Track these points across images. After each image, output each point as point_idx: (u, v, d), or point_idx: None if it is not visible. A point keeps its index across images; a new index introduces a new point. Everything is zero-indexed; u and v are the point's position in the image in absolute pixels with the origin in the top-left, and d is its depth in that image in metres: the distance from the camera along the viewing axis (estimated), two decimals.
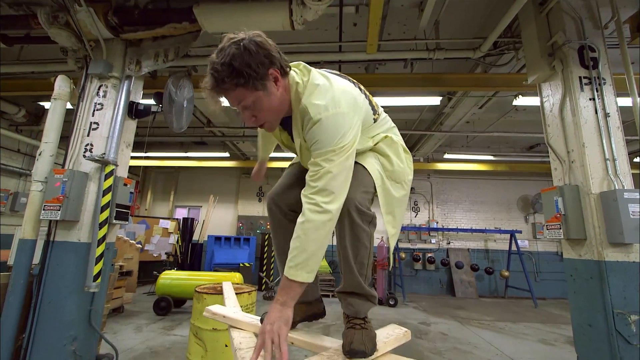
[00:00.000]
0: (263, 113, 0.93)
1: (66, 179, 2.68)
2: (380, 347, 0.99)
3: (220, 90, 0.88)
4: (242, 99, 0.88)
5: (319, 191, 0.86)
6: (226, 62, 0.83)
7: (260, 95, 0.89)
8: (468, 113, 5.31)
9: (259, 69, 0.85)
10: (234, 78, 0.83)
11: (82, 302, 2.70)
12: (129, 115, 3.19)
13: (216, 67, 0.84)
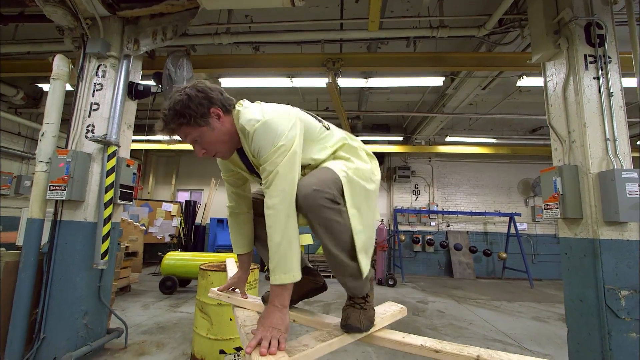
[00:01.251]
0: (211, 145, 1.05)
1: (70, 159, 2.71)
2: (377, 323, 1.05)
3: (169, 130, 1.02)
4: (187, 135, 1.02)
5: (266, 189, 0.93)
6: (171, 107, 0.99)
7: (204, 131, 1.02)
8: (471, 94, 5.24)
9: (198, 109, 0.99)
10: (178, 119, 0.99)
11: (91, 278, 2.80)
12: (129, 96, 3.19)
13: (164, 112, 1.01)
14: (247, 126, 0.99)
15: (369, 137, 8.09)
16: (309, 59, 3.99)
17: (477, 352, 0.89)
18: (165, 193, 9.73)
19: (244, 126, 0.99)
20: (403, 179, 8.65)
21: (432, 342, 0.96)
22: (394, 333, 1.05)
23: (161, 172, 9.95)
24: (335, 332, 0.98)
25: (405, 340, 0.99)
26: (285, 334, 0.88)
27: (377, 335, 1.03)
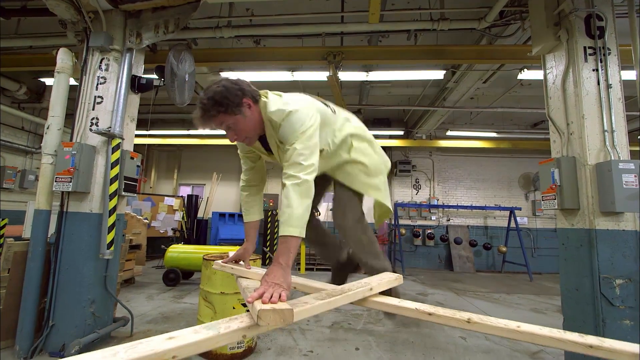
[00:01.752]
0: (243, 132, 1.20)
1: (75, 151, 2.76)
2: (374, 288, 1.10)
3: (207, 118, 1.13)
4: (223, 122, 1.15)
5: (290, 165, 1.10)
6: (210, 97, 1.11)
7: (238, 119, 1.16)
8: (472, 88, 5.25)
9: (234, 99, 1.13)
10: (217, 107, 1.11)
11: (98, 268, 2.87)
12: (132, 90, 3.22)
13: (203, 101, 1.12)
14: (275, 116, 1.15)
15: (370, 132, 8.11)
16: (310, 52, 4.00)
17: (468, 316, 0.94)
18: (167, 187, 9.80)
19: (271, 116, 1.16)
20: (404, 173, 8.68)
21: (425, 307, 1.01)
22: (390, 299, 1.10)
23: (163, 166, 10.01)
24: (333, 294, 1.03)
25: (400, 304, 1.05)
26: (287, 291, 0.95)
27: (375, 299, 1.08)
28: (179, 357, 0.66)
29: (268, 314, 0.79)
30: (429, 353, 3.02)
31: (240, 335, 0.78)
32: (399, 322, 3.95)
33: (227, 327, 0.76)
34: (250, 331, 0.80)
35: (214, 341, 0.74)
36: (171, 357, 0.65)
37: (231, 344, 2.70)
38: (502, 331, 0.94)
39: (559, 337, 0.90)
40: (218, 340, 0.74)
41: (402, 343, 3.24)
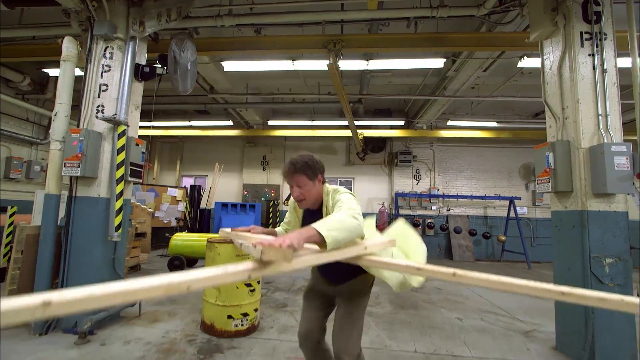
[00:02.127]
0: (306, 194, 1.52)
1: (82, 137, 2.85)
2: (368, 247, 1.18)
3: (294, 171, 1.49)
4: (299, 181, 1.50)
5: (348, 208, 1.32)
6: (303, 160, 1.51)
7: (310, 184, 1.52)
8: (472, 76, 5.27)
9: (316, 170, 1.53)
10: (304, 169, 1.49)
11: (106, 250, 2.99)
12: (135, 78, 3.28)
13: (296, 160, 1.51)
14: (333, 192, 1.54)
15: (370, 122, 8.14)
16: (310, 41, 4.04)
17: (453, 270, 1.02)
18: (170, 179, 9.91)
19: (330, 193, 1.54)
20: (404, 163, 8.74)
21: (415, 263, 1.10)
22: (383, 257, 1.19)
23: (166, 157, 10.11)
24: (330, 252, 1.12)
25: (392, 261, 1.13)
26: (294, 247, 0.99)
27: (369, 258, 1.17)
28: (192, 288, 0.75)
29: (271, 251, 0.88)
30: (426, 332, 3.13)
31: (246, 275, 0.87)
32: (398, 304, 4.07)
33: (234, 268, 0.85)
34: (255, 272, 0.89)
35: (223, 278, 0.83)
36: (186, 287, 0.74)
37: (235, 321, 2.82)
38: (485, 282, 1.03)
39: (534, 286, 0.98)
40: (226, 277, 0.83)
41: (400, 323, 3.36)
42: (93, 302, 0.70)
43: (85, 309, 0.70)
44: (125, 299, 0.73)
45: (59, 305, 0.63)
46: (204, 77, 5.78)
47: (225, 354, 2.49)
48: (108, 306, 0.74)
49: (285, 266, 0.98)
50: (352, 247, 1.17)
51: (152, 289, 0.76)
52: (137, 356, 2.42)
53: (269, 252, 0.89)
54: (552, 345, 2.85)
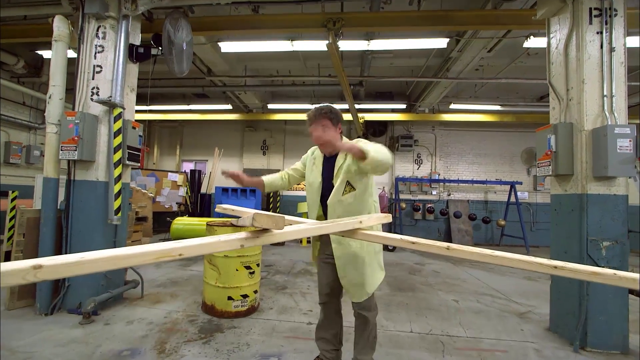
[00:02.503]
0: (328, 136, 1.70)
1: (78, 120, 2.81)
2: (364, 222, 1.18)
3: (320, 114, 1.71)
4: (324, 123, 1.71)
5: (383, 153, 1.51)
6: (328, 107, 1.74)
7: (333, 129, 1.73)
8: (476, 57, 5.11)
9: (338, 118, 1.75)
10: (328, 112, 1.71)
11: (107, 233, 3.02)
12: (130, 59, 3.21)
13: (322, 106, 1.74)
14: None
15: (371, 105, 8.00)
16: (309, 20, 3.90)
17: (447, 244, 1.03)
18: (170, 163, 9.91)
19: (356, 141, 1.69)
20: (405, 148, 8.66)
21: (409, 237, 1.10)
22: (378, 232, 1.19)
23: (165, 142, 10.07)
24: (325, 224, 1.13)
25: (387, 235, 1.14)
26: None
27: (364, 232, 1.17)
28: (185, 255, 0.76)
29: (262, 217, 0.89)
30: (422, 313, 3.20)
31: (239, 244, 0.88)
32: (395, 287, 4.14)
33: (227, 237, 0.86)
34: (248, 241, 0.90)
35: (215, 246, 0.84)
36: (178, 254, 0.75)
37: (235, 302, 2.88)
38: (478, 256, 1.03)
39: (527, 260, 0.98)
40: (219, 245, 0.84)
41: (397, 305, 3.43)
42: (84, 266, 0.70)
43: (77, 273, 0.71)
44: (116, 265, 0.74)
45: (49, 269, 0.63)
46: (201, 59, 5.65)
47: (225, 333, 2.55)
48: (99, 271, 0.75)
49: (278, 236, 0.98)
50: (347, 221, 1.16)
51: (144, 254, 0.77)
52: (140, 335, 2.48)
53: (260, 218, 0.89)
54: (546, 327, 2.90)
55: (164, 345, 2.33)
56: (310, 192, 1.88)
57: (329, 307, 2.00)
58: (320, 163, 1.84)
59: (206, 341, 2.42)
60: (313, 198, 1.86)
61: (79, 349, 2.24)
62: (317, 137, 1.72)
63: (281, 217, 0.93)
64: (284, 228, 0.95)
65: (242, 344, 2.39)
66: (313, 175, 1.86)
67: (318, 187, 1.82)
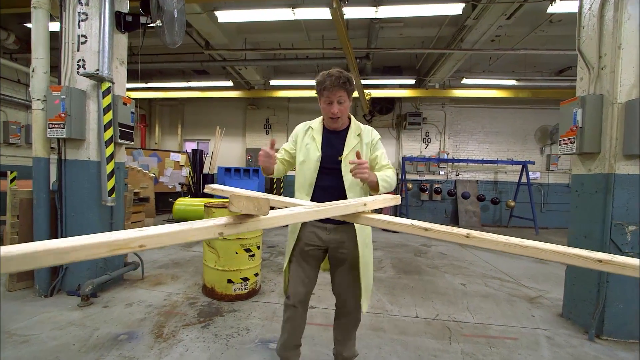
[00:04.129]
0: (344, 112, 1.53)
1: (64, 96, 2.64)
2: (369, 205, 1.02)
3: (340, 84, 1.45)
4: (341, 95, 1.48)
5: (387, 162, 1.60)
6: (346, 76, 1.48)
7: (348, 103, 1.53)
8: (494, 25, 4.70)
9: (353, 90, 1.55)
10: (347, 86, 1.48)
11: (103, 214, 2.92)
12: (117, 28, 2.97)
13: (342, 74, 1.46)
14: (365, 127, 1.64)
15: (378, 81, 7.62)
16: None
17: (466, 231, 0.87)
18: (172, 143, 9.78)
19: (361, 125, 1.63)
20: (413, 126, 8.33)
21: (422, 223, 0.94)
22: (384, 216, 1.04)
23: (166, 121, 9.88)
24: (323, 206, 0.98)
25: (395, 220, 0.98)
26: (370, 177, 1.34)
27: (369, 216, 1.01)
28: (147, 246, 0.62)
29: (240, 200, 0.74)
30: (428, 297, 3.10)
31: (216, 233, 0.73)
32: (401, 269, 4.05)
33: (202, 224, 0.71)
34: (228, 229, 0.75)
35: (186, 235, 0.69)
36: (138, 246, 0.60)
37: (235, 285, 2.80)
38: (504, 246, 0.86)
39: (564, 252, 0.82)
40: (190, 234, 0.70)
41: (402, 288, 3.33)
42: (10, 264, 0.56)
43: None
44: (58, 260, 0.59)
45: None
46: (198, 30, 5.33)
47: (225, 317, 2.49)
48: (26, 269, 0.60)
49: (265, 221, 0.82)
50: (349, 203, 1.00)
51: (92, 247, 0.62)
52: (138, 318, 2.43)
53: (237, 202, 0.74)
54: (558, 312, 2.78)
55: (162, 329, 2.28)
56: (303, 170, 1.56)
57: (300, 315, 1.61)
58: (320, 135, 1.58)
59: (205, 325, 2.36)
60: (307, 176, 1.54)
61: (76, 332, 2.20)
62: (341, 111, 1.49)
63: (265, 200, 0.76)
64: (269, 213, 0.79)
65: (241, 328, 2.33)
66: (310, 149, 1.56)
67: (316, 162, 1.52)
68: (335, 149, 1.55)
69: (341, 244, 1.55)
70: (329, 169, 1.52)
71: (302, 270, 1.59)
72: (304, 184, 1.56)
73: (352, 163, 1.27)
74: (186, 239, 0.73)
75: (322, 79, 1.46)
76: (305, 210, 0.91)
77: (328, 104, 1.49)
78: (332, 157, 1.53)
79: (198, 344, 2.10)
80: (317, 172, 1.52)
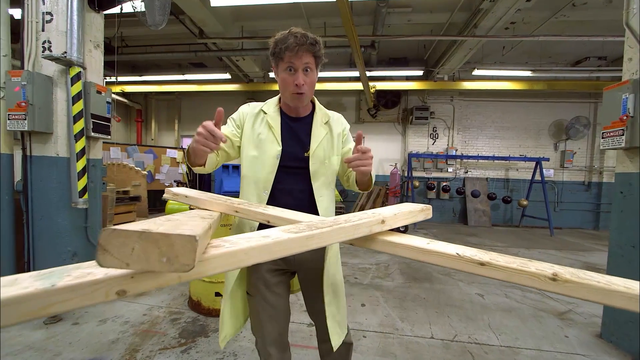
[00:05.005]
0: (310, 86, 1.13)
1: (25, 82, 2.28)
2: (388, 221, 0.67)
3: (306, 47, 1.06)
4: (308, 61, 1.09)
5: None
6: (315, 38, 1.09)
7: (315, 73, 1.14)
8: (512, 8, 4.27)
9: (321, 59, 1.14)
10: (317, 50, 1.09)
11: (75, 218, 2.58)
12: (90, 6, 2.60)
13: (310, 36, 1.08)
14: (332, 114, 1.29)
15: (384, 72, 7.20)
16: None
17: (553, 271, 0.51)
18: (169, 139, 9.45)
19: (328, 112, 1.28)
20: (420, 120, 7.92)
21: (474, 251, 0.58)
22: (416, 239, 0.68)
23: (163, 116, 9.54)
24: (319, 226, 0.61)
25: (432, 248, 0.62)
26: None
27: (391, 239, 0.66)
28: None
29: (126, 241, 0.38)
30: (443, 311, 2.74)
31: (112, 293, 0.38)
32: (410, 276, 3.69)
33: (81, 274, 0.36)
34: (134, 285, 0.40)
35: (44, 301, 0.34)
36: None
37: None
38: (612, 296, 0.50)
39: None
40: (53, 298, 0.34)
41: (413, 299, 2.98)
42: None
43: None
44: None
45: None
46: (191, 17, 4.95)
47: (209, 338, 2.15)
48: None
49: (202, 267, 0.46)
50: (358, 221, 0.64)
51: None
52: (110, 340, 2.10)
53: (120, 247, 0.38)
54: (596, 332, 2.41)
55: (134, 355, 1.94)
56: (255, 168, 1.16)
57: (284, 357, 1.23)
58: (278, 124, 1.19)
59: (185, 349, 2.02)
60: (261, 176, 1.15)
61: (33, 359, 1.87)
62: (307, 83, 1.09)
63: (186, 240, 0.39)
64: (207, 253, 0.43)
65: (227, 354, 1.98)
66: (265, 142, 1.17)
67: (275, 159, 1.14)
68: (299, 141, 1.18)
69: (313, 262, 1.19)
70: (292, 167, 1.16)
71: (269, 306, 1.17)
72: (257, 185, 1.15)
73: (356, 152, 0.93)
74: (38, 314, 0.37)
75: (281, 37, 1.06)
76: (286, 237, 0.54)
77: (290, 73, 1.08)
78: (296, 153, 1.17)
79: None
80: (276, 171, 1.15)
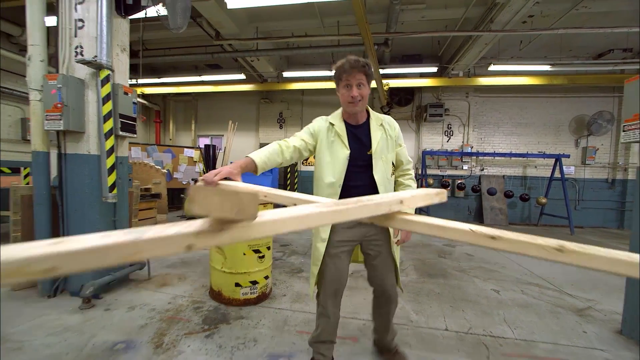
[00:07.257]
0: (364, 94, 1.45)
1: (60, 85, 2.46)
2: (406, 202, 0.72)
3: (359, 67, 1.39)
4: (360, 79, 1.42)
5: (408, 163, 1.64)
6: (366, 61, 1.42)
7: (367, 88, 1.46)
8: (529, 2, 4.19)
9: (372, 77, 1.47)
10: (367, 69, 1.42)
11: (105, 212, 2.75)
12: (117, 12, 2.76)
13: (361, 60, 1.41)
14: (389, 119, 1.62)
15: (397, 70, 7.18)
16: None
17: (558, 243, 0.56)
18: (186, 139, 9.73)
19: (385, 118, 1.61)
20: (434, 117, 7.84)
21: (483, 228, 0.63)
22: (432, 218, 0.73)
23: (180, 117, 9.83)
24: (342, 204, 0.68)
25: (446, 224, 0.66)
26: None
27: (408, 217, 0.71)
28: (62, 271, 0.36)
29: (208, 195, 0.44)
30: (458, 306, 2.75)
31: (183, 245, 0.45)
32: (424, 272, 3.70)
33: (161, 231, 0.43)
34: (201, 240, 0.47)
35: (133, 248, 0.41)
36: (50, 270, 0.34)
37: (244, 289, 2.57)
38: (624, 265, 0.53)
39: None
40: (140, 247, 0.42)
41: (427, 294, 3.00)
42: None
43: None
44: None
45: None
46: (208, 19, 5.11)
47: (231, 325, 2.26)
48: None
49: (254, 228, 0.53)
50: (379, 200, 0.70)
51: None
52: (139, 324, 2.24)
53: (204, 198, 0.45)
54: (616, 329, 2.37)
55: (163, 338, 2.07)
56: (328, 170, 1.53)
57: (335, 311, 1.65)
58: (344, 132, 1.54)
59: (209, 334, 2.13)
60: (335, 176, 1.51)
61: (72, 340, 2.03)
62: (361, 94, 1.43)
63: (250, 195, 0.46)
64: (257, 216, 0.50)
65: (248, 339, 2.08)
66: (336, 148, 1.53)
67: (345, 160, 1.50)
68: (362, 143, 1.54)
69: (375, 235, 1.56)
70: (358, 166, 1.51)
71: (336, 269, 1.57)
72: (332, 185, 1.51)
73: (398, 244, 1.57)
74: (132, 257, 0.45)
75: (340, 64, 1.44)
76: (318, 210, 0.61)
77: (347, 88, 1.44)
78: (361, 152, 1.52)
79: (199, 357, 1.88)
80: (346, 170, 1.51)
